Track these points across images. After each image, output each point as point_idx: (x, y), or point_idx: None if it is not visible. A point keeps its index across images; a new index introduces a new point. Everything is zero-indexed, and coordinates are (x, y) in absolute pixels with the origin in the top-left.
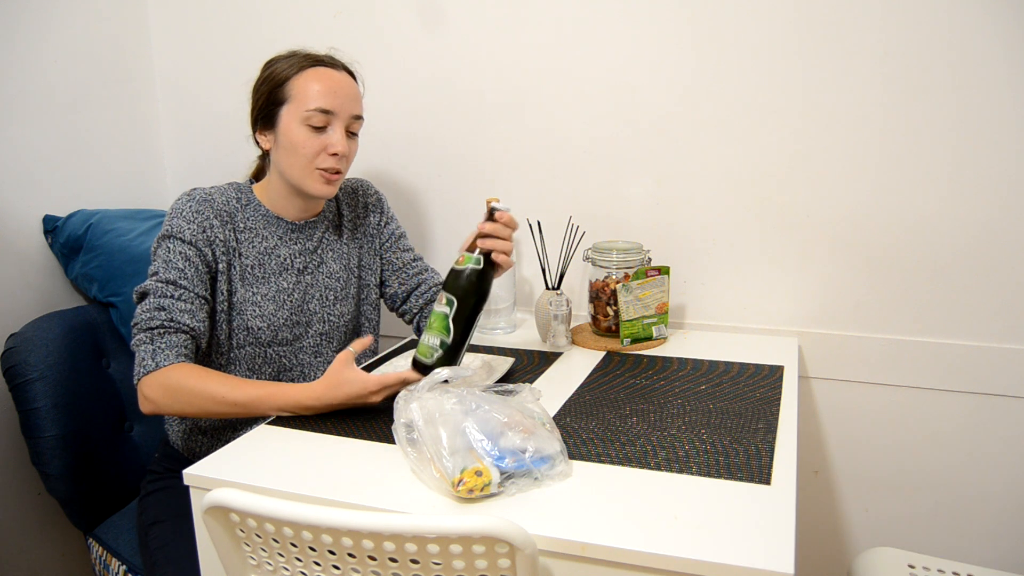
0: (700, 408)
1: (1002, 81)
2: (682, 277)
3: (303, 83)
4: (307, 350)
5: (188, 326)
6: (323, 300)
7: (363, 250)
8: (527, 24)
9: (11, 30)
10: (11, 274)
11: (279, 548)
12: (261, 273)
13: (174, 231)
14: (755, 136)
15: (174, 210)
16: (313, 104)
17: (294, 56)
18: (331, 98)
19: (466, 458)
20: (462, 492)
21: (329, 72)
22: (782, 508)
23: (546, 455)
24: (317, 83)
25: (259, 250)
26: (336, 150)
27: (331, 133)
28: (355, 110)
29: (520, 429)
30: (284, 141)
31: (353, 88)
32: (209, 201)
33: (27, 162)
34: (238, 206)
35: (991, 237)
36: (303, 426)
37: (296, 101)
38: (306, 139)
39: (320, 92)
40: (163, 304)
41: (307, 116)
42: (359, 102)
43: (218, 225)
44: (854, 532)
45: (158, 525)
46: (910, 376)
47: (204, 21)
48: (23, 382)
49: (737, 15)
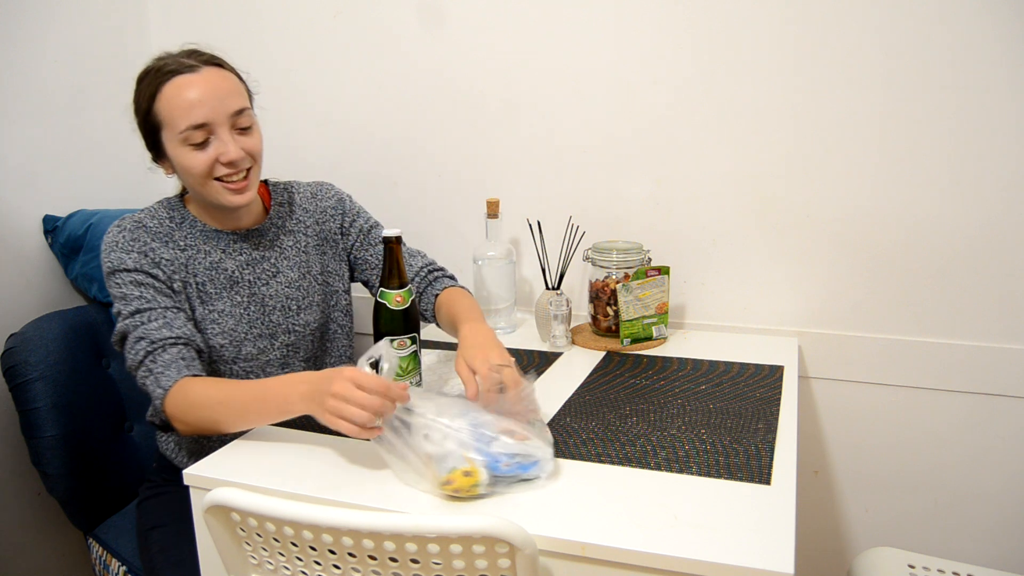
0: (700, 408)
1: (1002, 81)
2: (682, 277)
3: (166, 103)
4: (274, 363)
5: (171, 338)
6: (285, 311)
7: (327, 256)
8: (527, 24)
9: (11, 30)
10: (11, 274)
11: (279, 547)
12: (213, 289)
13: (116, 265)
14: (755, 136)
15: (108, 244)
16: (184, 123)
17: (148, 73)
18: (199, 109)
19: (457, 459)
20: (448, 491)
21: (187, 79)
22: (782, 508)
23: (535, 459)
24: (178, 98)
25: (205, 266)
26: (227, 158)
27: (216, 144)
28: (232, 107)
29: (513, 433)
30: (177, 166)
31: (221, 84)
32: (142, 227)
33: (27, 162)
34: (173, 226)
35: (991, 237)
36: (303, 426)
37: (168, 126)
38: (194, 160)
39: (185, 108)
40: (139, 335)
41: (184, 137)
42: (235, 95)
43: (159, 247)
44: (854, 532)
45: (158, 529)
46: (910, 376)
47: (204, 21)
48: (23, 382)
49: (737, 15)
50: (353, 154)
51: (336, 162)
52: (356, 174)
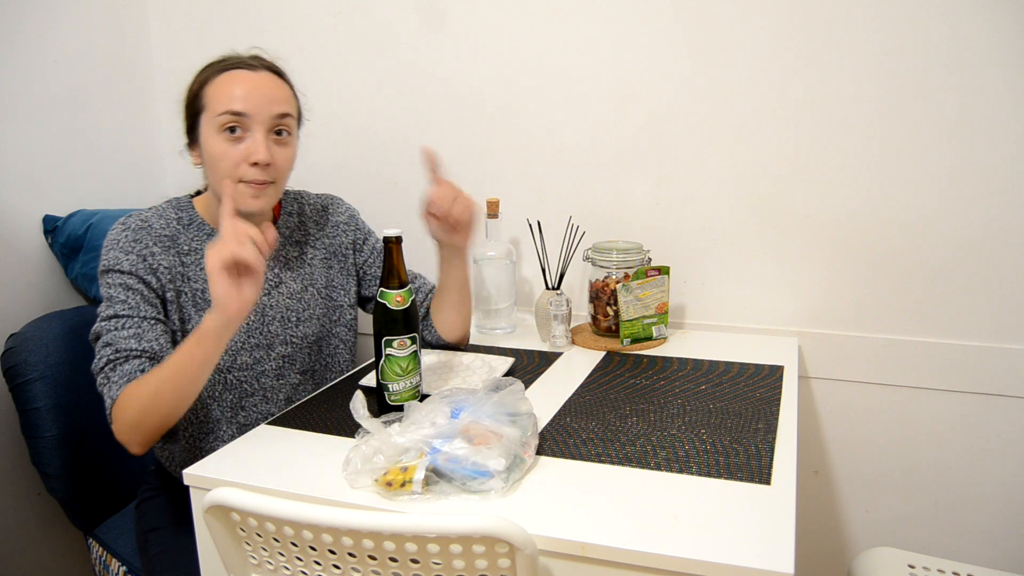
0: (700, 408)
1: (1002, 81)
2: (682, 277)
3: (215, 88)
4: (269, 373)
5: (136, 350)
6: (284, 322)
7: (333, 270)
8: (528, 24)
9: (11, 30)
10: (11, 274)
11: (279, 547)
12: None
13: (111, 264)
14: (755, 136)
15: (110, 242)
16: (224, 107)
17: (209, 65)
18: (244, 100)
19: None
20: (380, 483)
21: (243, 74)
22: (782, 508)
23: (485, 470)
24: (228, 86)
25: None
26: (256, 158)
27: (249, 142)
28: (276, 109)
29: (476, 438)
30: (205, 154)
31: (273, 87)
32: (146, 228)
33: (27, 162)
34: (179, 227)
35: (991, 237)
36: (303, 426)
37: (209, 109)
38: (224, 149)
39: (231, 95)
40: (108, 340)
41: (220, 122)
42: (283, 102)
43: (160, 252)
44: (854, 532)
45: (157, 532)
46: (910, 376)
47: (204, 21)
48: (23, 382)
49: (738, 15)
50: (353, 154)
51: (336, 162)
52: (356, 174)
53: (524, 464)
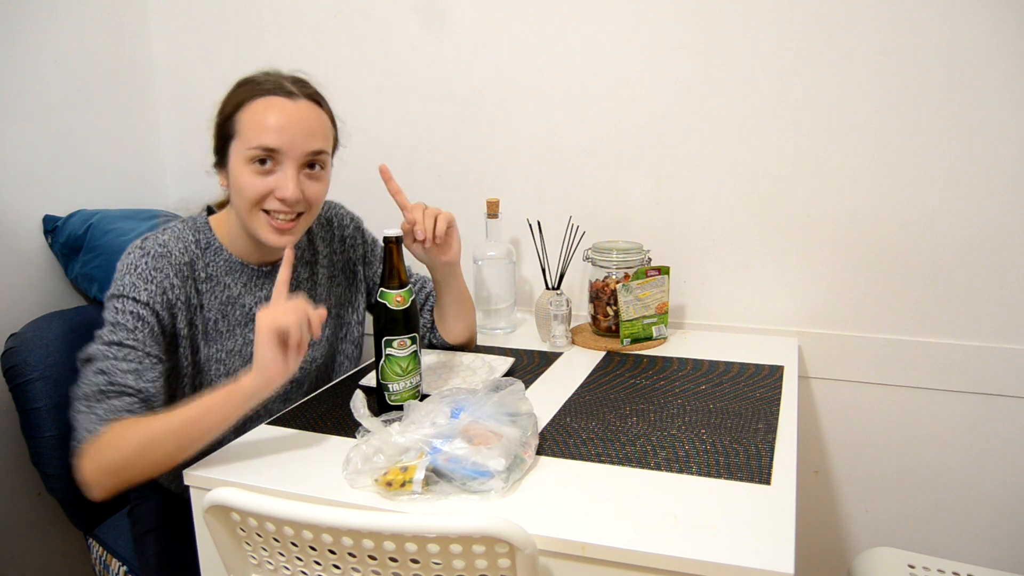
0: (700, 408)
1: (1002, 81)
2: (682, 277)
3: (249, 116)
4: (276, 398)
5: (132, 388)
6: None
7: (341, 287)
8: (528, 24)
9: (11, 30)
10: (11, 274)
11: (279, 547)
12: (225, 326)
13: (127, 291)
14: (755, 136)
15: (127, 266)
16: (256, 141)
17: (247, 83)
18: (278, 134)
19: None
20: (380, 483)
21: (281, 103)
22: (782, 508)
23: (485, 470)
24: (263, 116)
25: (221, 300)
26: (283, 195)
27: (279, 176)
28: (311, 146)
29: (476, 438)
30: (232, 180)
31: (311, 120)
32: (166, 256)
33: (27, 162)
34: (197, 251)
35: (991, 237)
36: (303, 426)
37: (241, 137)
38: (251, 181)
39: (265, 128)
40: (104, 368)
41: (250, 155)
42: (319, 136)
43: (179, 284)
44: (854, 532)
45: (152, 534)
46: (910, 376)
47: (204, 21)
48: (23, 382)
49: (738, 16)
50: (353, 154)
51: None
52: (356, 174)
53: (524, 464)
